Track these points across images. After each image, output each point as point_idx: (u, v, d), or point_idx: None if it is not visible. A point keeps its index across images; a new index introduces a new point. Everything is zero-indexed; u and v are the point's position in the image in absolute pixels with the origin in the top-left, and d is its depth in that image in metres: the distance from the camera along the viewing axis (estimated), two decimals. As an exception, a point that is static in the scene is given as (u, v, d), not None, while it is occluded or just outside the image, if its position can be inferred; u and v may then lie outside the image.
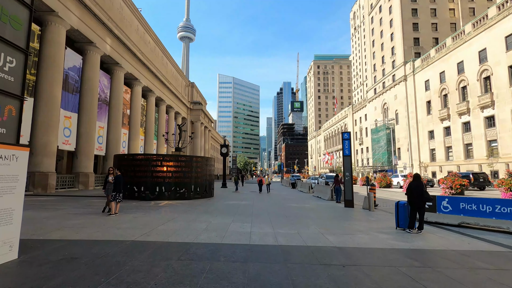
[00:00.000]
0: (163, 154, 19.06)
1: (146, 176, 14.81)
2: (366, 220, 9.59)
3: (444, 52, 43.66)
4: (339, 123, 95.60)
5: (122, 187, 9.63)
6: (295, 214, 10.84)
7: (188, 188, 15.64)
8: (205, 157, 17.23)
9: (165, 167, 14.96)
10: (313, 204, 14.89)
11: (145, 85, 35.06)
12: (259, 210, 11.85)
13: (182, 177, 15.37)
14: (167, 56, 44.24)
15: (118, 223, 7.91)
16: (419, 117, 50.91)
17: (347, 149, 13.75)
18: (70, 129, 22.40)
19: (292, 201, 16.23)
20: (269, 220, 9.22)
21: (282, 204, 14.55)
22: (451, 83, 42.27)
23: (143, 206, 12.23)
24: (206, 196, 16.88)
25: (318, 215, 10.77)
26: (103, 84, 27.43)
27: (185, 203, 13.62)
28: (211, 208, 12.16)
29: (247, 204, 13.97)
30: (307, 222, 9.00)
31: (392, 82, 58.99)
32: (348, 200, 13.48)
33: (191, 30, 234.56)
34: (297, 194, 22.11)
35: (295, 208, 12.66)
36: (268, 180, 24.14)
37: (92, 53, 24.23)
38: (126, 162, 15.35)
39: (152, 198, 14.58)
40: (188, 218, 9.21)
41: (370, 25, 71.83)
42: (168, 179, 14.98)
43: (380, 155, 60.14)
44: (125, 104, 32.14)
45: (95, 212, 10.11)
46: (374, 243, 6.28)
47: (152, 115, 38.37)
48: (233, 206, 12.95)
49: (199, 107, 57.87)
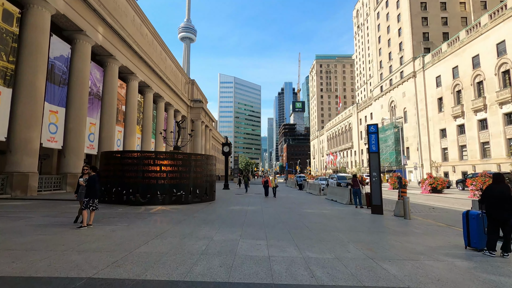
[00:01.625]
0: (157, 151, 16.88)
1: (136, 176, 12.66)
2: (413, 234, 7.40)
3: (458, 46, 41.40)
4: (343, 122, 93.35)
5: (98, 191, 7.45)
6: (318, 224, 8.65)
7: (186, 191, 13.49)
8: (206, 155, 15.08)
9: (159, 166, 12.81)
10: (332, 209, 12.70)
11: (142, 80, 32.97)
12: (272, 218, 9.67)
13: (179, 178, 13.23)
14: (166, 51, 42.16)
15: (84, 242, 5.75)
16: (429, 114, 48.63)
17: (374, 145, 11.56)
18: (57, 125, 20.29)
19: (306, 206, 14.03)
20: (289, 234, 7.04)
21: (296, 209, 12.35)
22: (465, 78, 39.99)
23: (130, 213, 10.07)
24: (207, 200, 14.72)
25: (347, 225, 8.59)
26: (95, 77, 25.33)
27: (181, 209, 11.46)
28: (212, 215, 9.99)
29: (255, 210, 11.78)
30: (339, 237, 6.82)
31: (400, 79, 56.73)
32: (376, 205, 11.28)
33: (192, 30, 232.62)
34: (307, 197, 19.92)
35: (314, 216, 10.47)
36: (274, 183, 19.60)
37: (82, 42, 22.13)
38: (114, 161, 13.21)
39: (143, 203, 12.43)
40: (183, 231, 7.04)
41: (376, 20, 69.62)
42: (162, 180, 12.83)
43: (387, 155, 57.83)
44: (120, 99, 30.04)
45: (64, 223, 7.95)
46: (458, 278, 4.11)
47: (149, 112, 36.26)
48: (238, 213, 10.77)
49: (199, 105, 55.76)
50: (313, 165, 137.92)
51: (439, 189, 23.56)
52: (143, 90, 35.51)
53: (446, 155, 45.16)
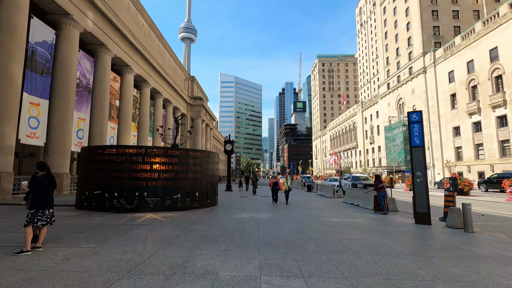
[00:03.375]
0: (147, 146, 14.53)
1: (122, 177, 10.35)
2: (507, 260, 5.05)
3: (473, 39, 39.04)
4: (347, 121, 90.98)
5: (49, 199, 5.10)
6: (360, 242, 6.29)
7: (183, 194, 11.16)
8: (207, 152, 12.75)
9: (149, 165, 10.49)
10: (361, 217, 10.35)
11: (137, 74, 30.67)
12: (294, 232, 7.31)
13: (174, 179, 10.90)
14: (164, 44, 39.87)
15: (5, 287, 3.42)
16: (441, 112, 46.27)
17: (417, 137, 9.24)
18: (38, 119, 17.99)
19: (328, 212, 11.68)
20: (331, 263, 4.69)
21: (318, 218, 10.00)
22: (481, 73, 37.63)
23: (109, 225, 7.75)
24: (208, 205, 12.38)
25: (403, 244, 6.24)
26: (85, 67, 23.06)
27: (176, 218, 9.13)
28: (215, 228, 7.63)
29: (269, 219, 9.44)
30: (410, 268, 4.48)
31: (409, 75, 54.39)
32: (421, 213, 8.94)
33: (193, 31, 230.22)
34: (321, 200, 17.56)
35: (346, 228, 8.12)
36: (287, 185, 15.10)
37: (69, 27, 19.84)
38: (95, 158, 10.88)
39: (130, 209, 10.10)
40: (172, 260, 4.69)
41: (382, 16, 67.28)
42: (153, 181, 10.51)
43: (395, 154, 55.46)
44: (114, 94, 27.77)
45: (9, 241, 5.64)
46: None
47: (146, 109, 33.95)
48: (249, 224, 8.42)
49: (199, 102, 53.47)
50: (315, 165, 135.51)
51: (466, 191, 21.19)
52: (140, 85, 33.23)
53: (460, 154, 42.77)
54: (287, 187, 15.08)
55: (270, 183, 15.80)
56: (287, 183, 15.29)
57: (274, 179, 15.74)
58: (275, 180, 15.70)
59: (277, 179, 15.70)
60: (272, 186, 15.51)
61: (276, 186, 15.39)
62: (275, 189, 15.37)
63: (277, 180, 15.62)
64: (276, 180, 15.63)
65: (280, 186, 15.36)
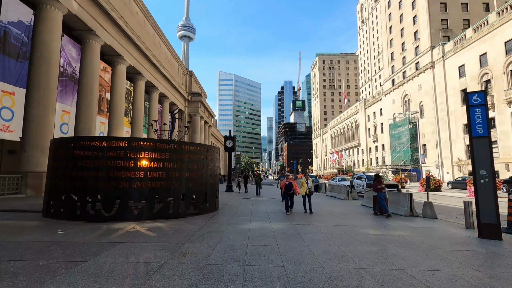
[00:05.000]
0: (131, 138, 12.20)
1: (97, 176, 8.15)
2: None
3: (486, 31, 37.02)
4: (349, 119, 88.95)
5: None
6: (444, 280, 4.14)
7: (176, 198, 8.99)
8: (206, 145, 10.56)
9: (133, 161, 8.30)
10: (403, 229, 8.22)
11: (131, 65, 28.38)
12: (335, 259, 5.11)
13: (165, 179, 8.72)
14: (160, 36, 37.56)
15: None
16: (450, 108, 44.28)
17: (481, 125, 7.11)
18: (13, 109, 15.72)
19: (357, 221, 9.53)
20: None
21: (350, 230, 7.83)
22: (496, 66, 35.63)
23: (69, 244, 5.56)
24: (207, 210, 10.21)
25: (506, 278, 4.10)
26: (70, 55, 20.79)
27: (165, 231, 6.95)
28: (217, 251, 5.41)
29: (288, 233, 7.26)
30: None
31: (416, 71, 52.38)
32: (488, 225, 6.80)
33: (191, 29, 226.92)
34: (337, 203, 15.42)
35: (397, 246, 5.98)
36: (307, 188, 11.11)
37: (50, 8, 17.53)
38: (65, 152, 8.67)
39: (108, 218, 7.93)
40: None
41: (387, 10, 65.16)
42: (138, 181, 8.32)
43: (401, 152, 53.49)
44: (104, 85, 25.51)
45: None
46: None
47: (141, 103, 31.66)
48: (263, 242, 6.23)
49: (198, 98, 51.16)
50: (315, 164, 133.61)
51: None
52: (133, 77, 30.94)
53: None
54: (307, 190, 11.06)
55: (282, 185, 11.49)
56: (307, 185, 11.14)
57: (287, 180, 11.26)
58: (289, 181, 11.19)
59: (290, 179, 11.27)
60: (284, 190, 11.18)
61: (290, 189, 11.02)
62: (289, 194, 11.03)
63: (291, 181, 11.18)
64: (290, 181, 11.17)
65: (295, 189, 11.16)
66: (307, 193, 11.07)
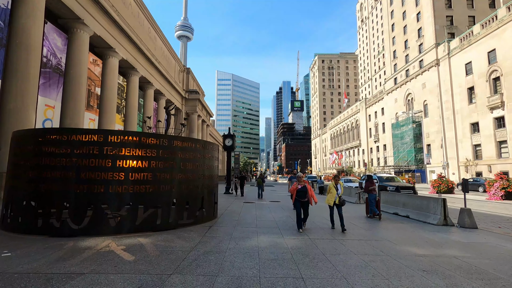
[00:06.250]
0: (109, 131, 10.31)
1: (65, 178, 6.46)
2: None
3: (495, 26, 35.64)
4: (349, 119, 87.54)
5: None
6: None
7: (165, 205, 7.31)
8: (202, 141, 8.86)
9: (110, 160, 6.61)
10: (455, 246, 6.62)
11: (124, 59, 26.61)
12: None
13: (152, 181, 7.03)
14: (155, 29, 35.81)
15: None
16: (456, 107, 42.89)
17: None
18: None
19: (388, 234, 7.90)
20: None
21: (387, 249, 6.12)
22: (506, 63, 34.25)
23: (4, 276, 3.83)
24: (204, 219, 8.53)
25: None
26: (55, 44, 19.03)
27: (148, 253, 5.26)
28: (219, 285, 3.73)
29: (308, 253, 5.58)
30: None
31: (419, 69, 50.99)
32: None
33: (189, 29, 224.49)
34: (350, 209, 13.74)
35: (465, 277, 4.36)
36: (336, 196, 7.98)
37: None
38: (27, 148, 6.95)
39: (78, 231, 6.24)
40: None
41: (389, 7, 63.81)
42: (118, 185, 6.63)
43: (405, 153, 52.05)
44: (94, 79, 23.76)
45: None
46: None
47: (134, 100, 29.88)
48: (281, 270, 4.55)
49: (195, 96, 49.41)
50: (314, 164, 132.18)
51: None
52: (127, 72, 29.18)
53: (478, 152, 39.40)
54: (336, 199, 7.88)
55: (292, 190, 7.84)
56: (337, 191, 7.90)
57: (300, 183, 7.75)
58: (302, 185, 7.70)
59: (304, 182, 7.81)
60: (295, 195, 7.72)
61: (303, 196, 7.63)
62: (302, 202, 7.67)
63: (305, 185, 7.74)
64: (304, 185, 7.72)
65: (311, 196, 7.74)
66: (336, 203, 7.95)
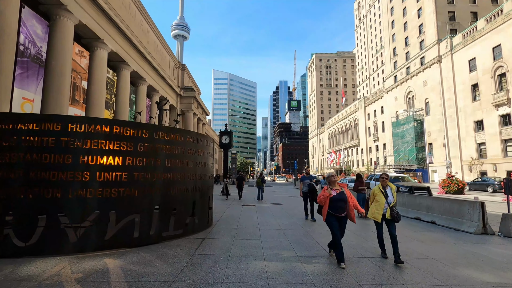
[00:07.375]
0: (71, 117, 8.17)
1: (9, 180, 4.85)
2: None
3: (501, 21, 34.53)
4: (348, 118, 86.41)
5: None
6: None
7: (146, 212, 5.74)
8: (194, 133, 7.28)
9: (71, 155, 5.02)
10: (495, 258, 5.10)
11: (113, 51, 24.90)
12: None
13: (128, 183, 5.46)
14: (149, 23, 34.10)
15: None
16: (459, 104, 41.77)
17: None
18: None
19: (425, 250, 6.40)
20: None
21: (434, 268, 4.65)
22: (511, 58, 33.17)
23: None
24: (195, 229, 6.95)
25: None
26: (34, 32, 17.32)
27: (113, 283, 3.66)
28: None
29: (339, 283, 4.05)
30: None
31: (421, 66, 49.88)
32: None
33: (185, 28, 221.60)
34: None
35: None
36: (385, 206, 5.04)
37: (3, -31, 14.07)
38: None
39: (26, 249, 4.64)
40: None
41: (389, 3, 62.69)
42: (80, 188, 5.04)
43: (406, 152, 50.91)
44: (80, 72, 22.05)
45: None
46: None
47: (125, 96, 28.14)
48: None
49: (191, 93, 47.70)
50: (312, 164, 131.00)
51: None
52: (117, 66, 27.45)
53: (482, 151, 38.30)
54: (387, 210, 5.08)
55: (324, 198, 4.84)
56: (388, 199, 5.10)
57: (333, 187, 5.00)
58: (337, 190, 4.96)
59: (341, 187, 5.06)
60: (328, 209, 4.86)
61: (341, 208, 4.87)
62: (338, 218, 4.88)
63: (343, 189, 5.00)
64: (341, 190, 4.98)
65: (354, 209, 5.02)
66: (386, 218, 5.11)
